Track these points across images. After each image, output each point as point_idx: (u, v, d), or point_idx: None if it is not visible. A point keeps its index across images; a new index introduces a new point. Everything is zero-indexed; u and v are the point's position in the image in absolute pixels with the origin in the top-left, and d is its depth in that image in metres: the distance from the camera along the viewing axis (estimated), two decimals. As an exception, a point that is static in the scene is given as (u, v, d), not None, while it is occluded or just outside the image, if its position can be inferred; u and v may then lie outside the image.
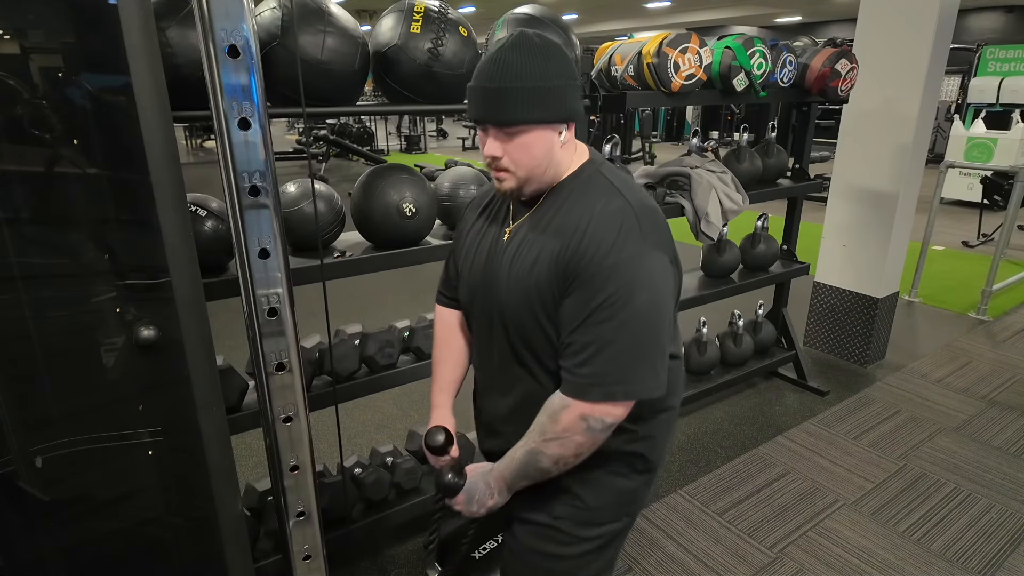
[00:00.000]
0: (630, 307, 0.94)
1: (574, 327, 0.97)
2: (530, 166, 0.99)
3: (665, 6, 14.18)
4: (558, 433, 0.99)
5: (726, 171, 2.64)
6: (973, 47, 9.48)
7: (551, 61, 0.96)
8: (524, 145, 0.97)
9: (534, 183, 1.02)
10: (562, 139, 1.00)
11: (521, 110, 0.94)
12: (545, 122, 0.96)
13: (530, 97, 0.94)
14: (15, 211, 0.98)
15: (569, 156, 1.04)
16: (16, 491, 1.07)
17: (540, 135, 0.97)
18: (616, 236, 0.95)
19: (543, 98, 0.95)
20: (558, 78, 0.96)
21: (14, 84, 0.93)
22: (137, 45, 0.89)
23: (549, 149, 0.99)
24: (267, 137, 1.04)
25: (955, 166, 4.71)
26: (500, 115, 0.95)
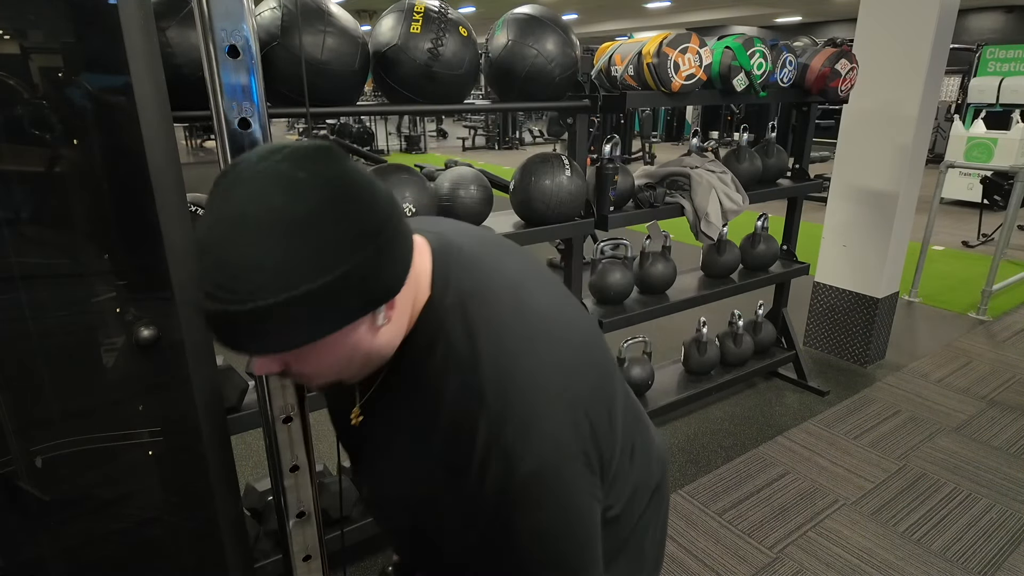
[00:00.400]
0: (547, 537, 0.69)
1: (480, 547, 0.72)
2: (329, 375, 0.68)
3: (665, 6, 14.19)
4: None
5: (726, 171, 2.64)
6: (973, 47, 9.49)
7: (311, 237, 0.55)
8: (310, 361, 0.64)
9: (350, 379, 0.72)
10: (379, 322, 0.65)
11: (278, 337, 0.58)
12: (329, 333, 0.60)
13: (286, 315, 0.55)
14: (15, 211, 0.98)
15: (402, 321, 0.70)
16: (16, 491, 1.07)
17: (332, 343, 0.62)
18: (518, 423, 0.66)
19: (314, 308, 0.57)
20: (332, 263, 0.56)
21: (14, 84, 0.93)
22: (137, 45, 0.89)
23: (353, 349, 0.65)
24: (267, 137, 1.04)
25: (955, 166, 4.71)
26: (244, 346, 0.59)
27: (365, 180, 0.60)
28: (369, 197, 0.59)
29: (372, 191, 0.60)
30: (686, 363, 2.97)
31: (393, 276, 0.63)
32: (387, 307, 0.65)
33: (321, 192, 0.56)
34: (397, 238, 0.62)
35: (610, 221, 2.26)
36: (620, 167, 2.30)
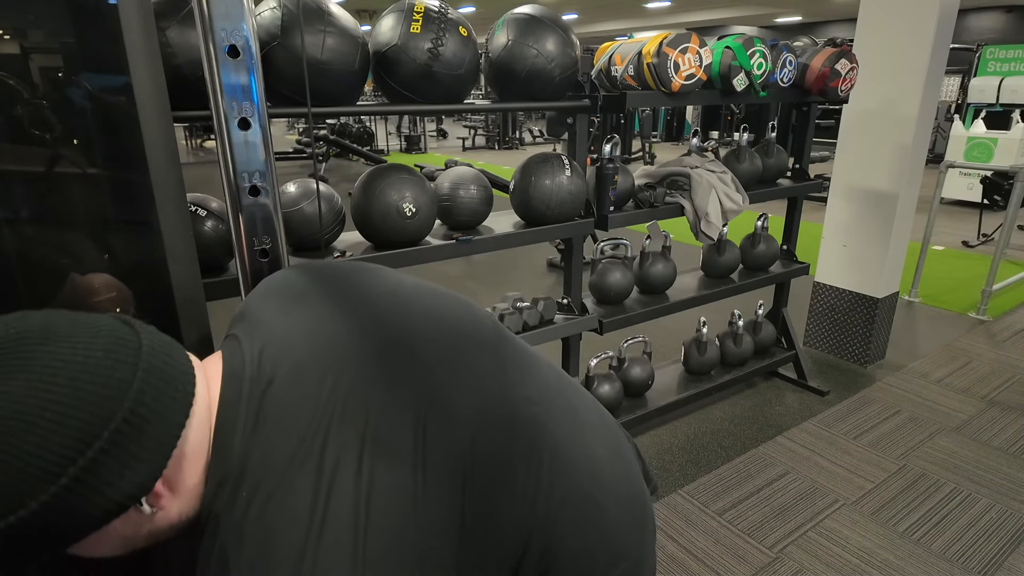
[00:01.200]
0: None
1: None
2: (120, 551, 0.60)
3: (665, 6, 14.19)
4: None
5: (726, 171, 2.64)
6: (973, 47, 9.48)
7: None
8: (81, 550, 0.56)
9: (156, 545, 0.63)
10: (147, 511, 0.56)
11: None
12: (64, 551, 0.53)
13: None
14: (15, 211, 0.98)
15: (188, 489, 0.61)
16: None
17: (86, 546, 0.55)
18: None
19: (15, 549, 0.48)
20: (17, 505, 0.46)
21: (14, 84, 0.93)
22: (137, 45, 0.89)
23: (130, 537, 0.59)
24: (267, 137, 1.04)
25: (955, 166, 4.71)
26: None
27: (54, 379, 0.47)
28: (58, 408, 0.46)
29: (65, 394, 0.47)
30: (686, 363, 2.97)
31: (138, 477, 0.52)
32: (151, 498, 0.56)
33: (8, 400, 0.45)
34: (129, 435, 0.50)
35: (610, 221, 2.26)
36: (620, 167, 2.30)
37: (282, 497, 0.56)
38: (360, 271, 0.86)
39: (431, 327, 0.74)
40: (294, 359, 0.65)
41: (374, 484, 0.59)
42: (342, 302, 0.74)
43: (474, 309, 0.82)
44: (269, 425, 0.60)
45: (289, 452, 0.59)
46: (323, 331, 0.69)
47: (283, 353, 0.65)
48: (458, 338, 0.75)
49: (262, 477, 0.57)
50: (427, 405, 0.65)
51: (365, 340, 0.69)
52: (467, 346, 0.75)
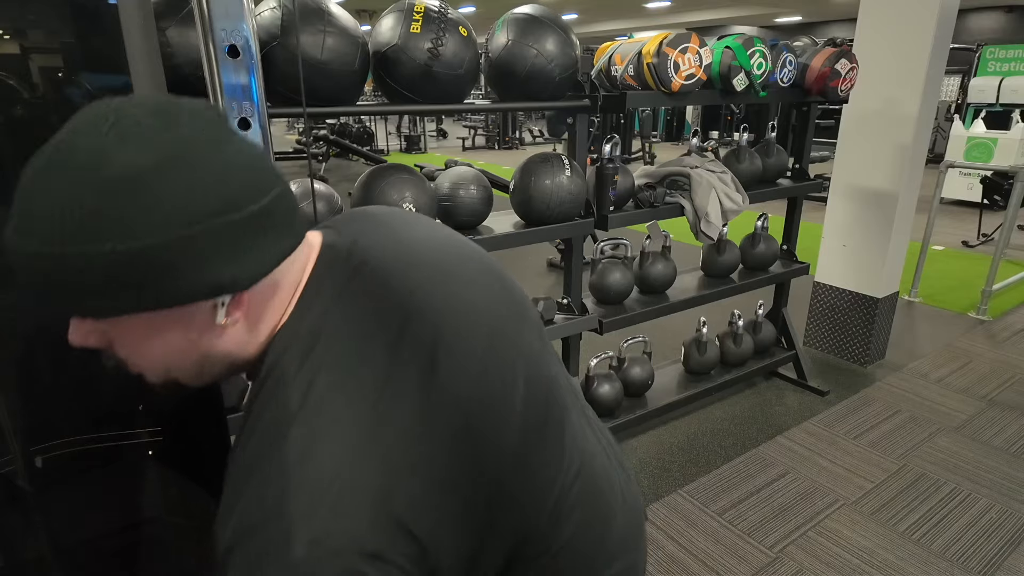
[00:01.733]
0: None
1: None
2: (160, 368, 0.59)
3: (665, 6, 14.19)
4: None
5: (726, 171, 2.64)
6: (973, 47, 9.49)
7: (133, 191, 0.48)
8: (132, 342, 0.56)
9: (193, 381, 0.62)
10: (219, 320, 0.56)
11: (66, 296, 0.50)
12: (141, 310, 0.52)
13: (91, 274, 0.48)
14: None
15: (256, 332, 0.60)
16: (16, 491, 1.07)
17: (158, 327, 0.55)
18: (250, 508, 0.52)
19: (125, 273, 0.49)
20: (146, 232, 0.48)
21: (14, 84, 0.93)
22: (137, 45, 0.89)
23: (186, 342, 0.57)
24: (267, 137, 1.04)
25: (955, 166, 4.72)
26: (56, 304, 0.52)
27: (231, 151, 0.53)
28: (221, 170, 0.51)
29: (233, 165, 0.53)
30: (686, 363, 2.97)
31: (237, 270, 0.53)
32: (232, 306, 0.56)
33: (163, 149, 0.49)
34: (253, 229, 0.53)
35: (610, 221, 2.26)
36: (620, 167, 2.30)
37: (345, 383, 0.56)
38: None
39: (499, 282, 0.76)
40: (382, 255, 0.66)
41: (439, 393, 0.59)
42: (420, 225, 0.76)
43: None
44: (350, 304, 0.60)
45: (363, 333, 0.59)
46: (406, 239, 0.70)
47: (373, 248, 0.66)
48: (520, 296, 0.77)
49: (329, 356, 0.57)
50: (495, 334, 0.67)
51: (445, 256, 0.71)
52: (524, 307, 0.76)
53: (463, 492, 0.58)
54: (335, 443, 0.53)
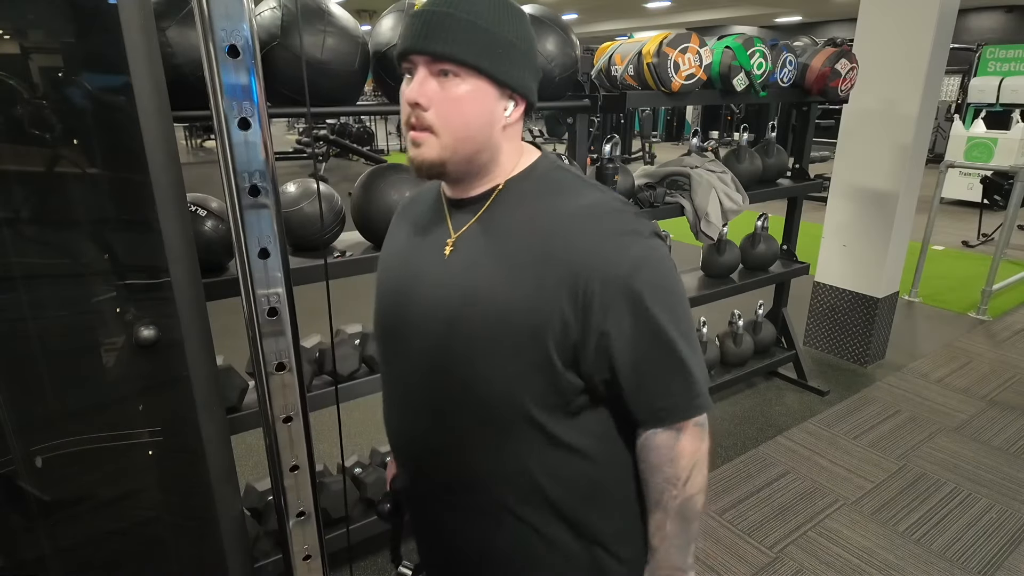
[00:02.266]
0: (676, 301, 0.79)
1: (627, 357, 0.76)
2: (459, 130, 0.76)
3: (665, 6, 14.18)
4: (691, 464, 0.81)
5: (726, 171, 2.64)
6: (973, 47, 9.49)
7: (513, 13, 0.77)
8: (457, 99, 0.75)
9: (460, 162, 0.78)
10: (507, 115, 0.79)
11: (466, 46, 0.73)
12: (490, 76, 0.75)
13: (479, 36, 0.73)
14: (15, 211, 0.98)
15: (514, 150, 0.83)
16: (16, 491, 1.07)
17: (479, 93, 0.76)
18: (623, 227, 0.76)
19: (495, 46, 0.74)
20: (519, 38, 0.77)
21: (14, 84, 0.93)
22: (137, 45, 0.89)
23: (488, 119, 0.77)
24: (267, 137, 1.04)
25: (955, 166, 4.72)
26: (439, 44, 0.72)
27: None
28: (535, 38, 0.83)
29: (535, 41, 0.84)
30: (686, 363, 2.96)
31: (532, 87, 0.81)
32: (516, 106, 0.80)
33: (520, 11, 0.79)
34: (537, 74, 0.83)
35: (610, 221, 2.25)
36: (620, 167, 2.30)
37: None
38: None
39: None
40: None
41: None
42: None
43: None
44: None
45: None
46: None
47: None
48: None
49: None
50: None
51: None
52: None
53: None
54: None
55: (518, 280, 0.76)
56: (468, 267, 0.80)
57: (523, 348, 0.76)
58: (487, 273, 0.78)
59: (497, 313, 0.76)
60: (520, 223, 0.79)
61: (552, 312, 0.74)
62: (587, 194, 0.80)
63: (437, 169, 0.78)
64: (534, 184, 0.82)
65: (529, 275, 0.75)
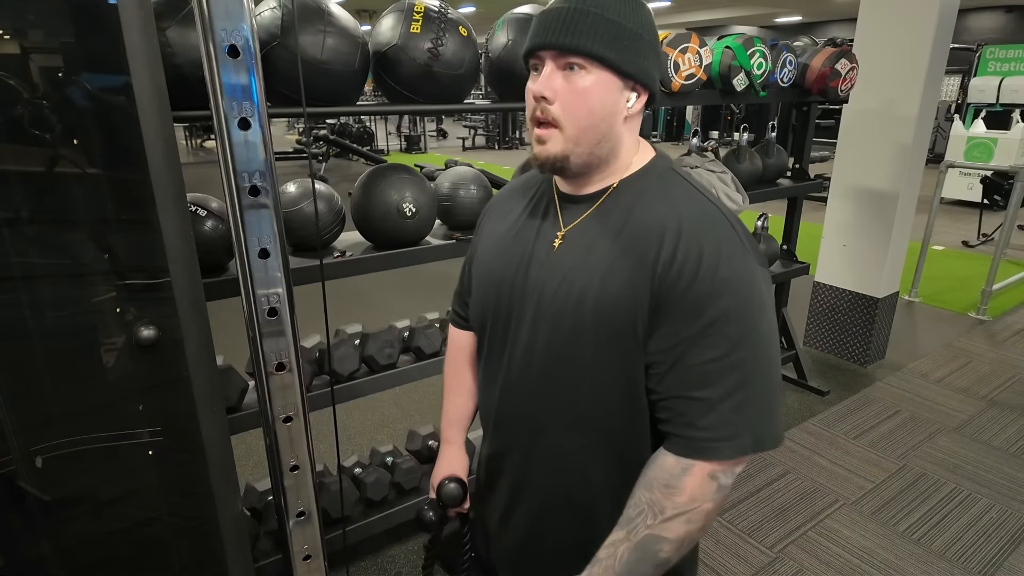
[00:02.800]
0: (755, 333, 0.75)
1: (680, 365, 0.76)
2: (583, 121, 0.78)
3: (665, 6, 14.18)
4: (682, 507, 0.76)
5: (726, 171, 2.64)
6: (973, 47, 9.49)
7: (641, 9, 0.80)
8: (583, 90, 0.77)
9: (583, 153, 0.81)
10: (629, 105, 0.80)
11: (592, 39, 0.75)
12: (615, 69, 0.77)
13: (608, 29, 0.76)
14: (15, 211, 0.98)
15: (633, 143, 0.85)
16: (16, 491, 1.07)
17: (605, 84, 0.77)
18: (721, 246, 0.76)
19: (622, 38, 0.76)
20: (644, 29, 0.79)
21: (14, 84, 0.93)
22: (137, 45, 0.89)
23: (611, 110, 0.79)
24: (267, 137, 1.04)
25: (955, 166, 4.71)
26: (566, 38, 0.75)
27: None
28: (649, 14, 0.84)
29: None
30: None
31: (654, 76, 0.82)
32: (639, 97, 0.82)
33: (646, 8, 0.82)
34: (658, 64, 0.84)
35: (610, 221, 2.25)
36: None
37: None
38: None
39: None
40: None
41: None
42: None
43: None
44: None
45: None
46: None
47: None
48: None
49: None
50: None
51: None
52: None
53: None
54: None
55: (616, 278, 0.79)
56: (574, 262, 0.83)
57: (608, 339, 0.79)
58: (589, 268, 0.81)
59: (595, 307, 0.79)
60: (628, 222, 0.81)
61: (640, 310, 0.77)
62: (699, 204, 0.80)
63: (561, 163, 0.81)
64: (647, 185, 0.84)
65: (626, 275, 0.78)
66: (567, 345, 0.82)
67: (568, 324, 0.82)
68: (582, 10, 0.76)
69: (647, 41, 0.80)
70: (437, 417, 2.25)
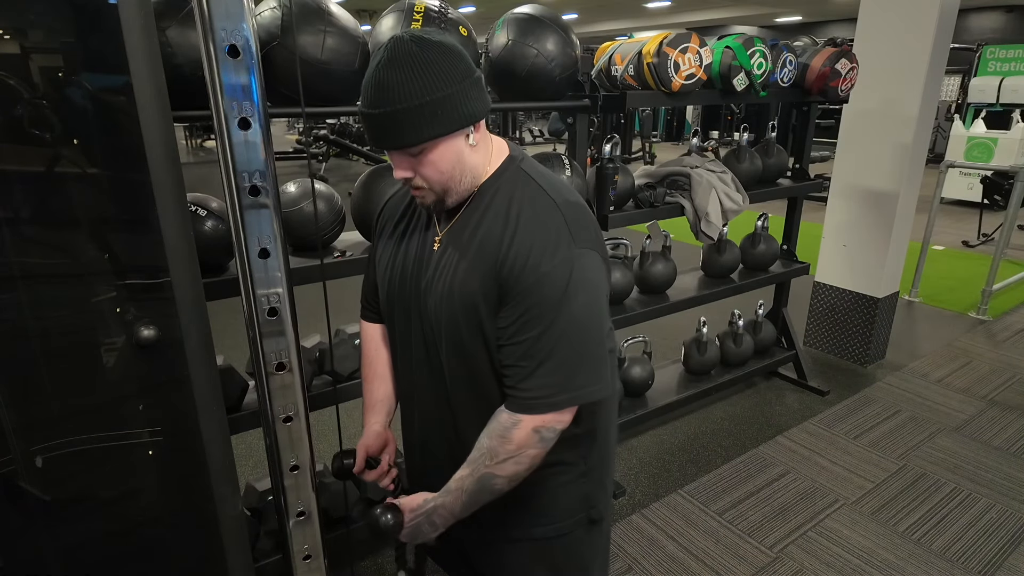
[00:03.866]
0: (566, 312, 0.93)
1: (511, 342, 0.94)
2: (442, 181, 0.95)
3: (665, 6, 14.18)
4: (511, 452, 0.96)
5: (726, 171, 2.64)
6: (973, 47, 9.48)
7: (432, 69, 0.88)
8: (431, 162, 0.93)
9: (453, 194, 0.98)
10: (471, 142, 0.96)
11: (412, 132, 0.90)
12: (443, 135, 0.91)
13: (418, 116, 0.89)
14: (15, 211, 0.98)
15: (485, 156, 1.00)
16: (16, 491, 1.07)
17: (445, 147, 0.93)
18: (546, 241, 0.93)
19: (434, 112, 0.89)
20: (445, 86, 0.89)
21: (14, 84, 0.93)
22: (137, 45, 0.89)
23: (458, 158, 0.95)
24: (267, 137, 1.04)
25: (955, 166, 4.72)
26: (394, 141, 0.91)
27: (459, 47, 0.92)
28: (461, 55, 0.92)
29: (463, 53, 0.93)
30: (686, 363, 2.97)
31: (478, 105, 0.94)
32: (475, 130, 0.96)
33: (436, 48, 0.89)
34: (479, 83, 0.94)
35: (610, 221, 2.26)
36: (620, 167, 2.30)
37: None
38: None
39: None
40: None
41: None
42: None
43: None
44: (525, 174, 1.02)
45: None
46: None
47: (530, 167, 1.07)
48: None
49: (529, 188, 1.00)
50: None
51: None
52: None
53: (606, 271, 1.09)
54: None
55: (471, 272, 0.96)
56: (445, 261, 1.01)
57: (462, 329, 0.98)
58: (450, 270, 0.99)
59: (460, 298, 0.97)
60: (480, 229, 0.98)
61: (488, 294, 0.95)
62: (538, 201, 0.97)
63: (440, 206, 1.00)
64: (497, 187, 1.00)
65: (479, 270, 0.95)
66: (449, 328, 1.00)
67: (445, 313, 0.99)
68: (389, 113, 0.89)
69: (457, 90, 0.90)
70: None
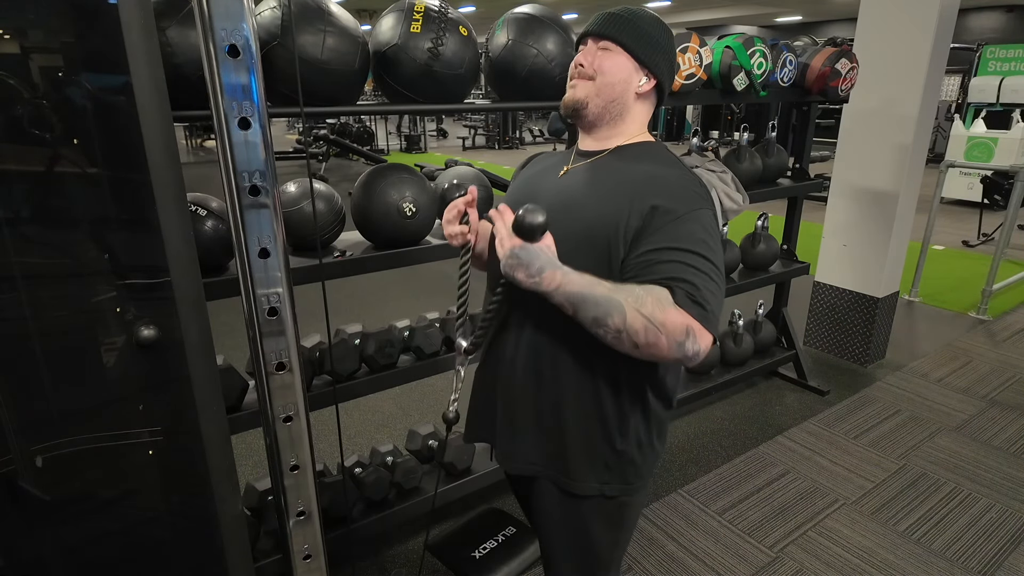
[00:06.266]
0: (717, 253, 1.01)
1: (675, 247, 0.99)
2: (606, 79, 1.10)
3: (665, 6, 14.18)
4: (656, 320, 0.93)
5: (726, 171, 2.62)
6: (973, 47, 9.48)
7: (663, 28, 1.13)
8: (611, 58, 1.10)
9: (599, 103, 1.11)
10: (640, 84, 1.11)
11: (619, 32, 1.09)
12: (631, 52, 1.09)
13: (632, 29, 1.10)
14: (15, 211, 0.98)
15: (639, 119, 1.16)
16: (16, 491, 1.07)
17: (626, 63, 1.10)
18: (694, 193, 1.05)
19: (640, 36, 1.10)
20: (662, 39, 1.12)
21: (14, 84, 0.93)
22: (137, 45, 0.89)
23: (627, 80, 1.11)
24: (267, 137, 1.04)
25: (955, 166, 4.72)
26: (602, 29, 1.10)
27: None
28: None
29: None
30: (686, 363, 2.96)
31: (665, 78, 1.15)
32: (648, 81, 1.13)
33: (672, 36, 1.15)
34: (672, 70, 1.16)
35: (610, 221, 2.25)
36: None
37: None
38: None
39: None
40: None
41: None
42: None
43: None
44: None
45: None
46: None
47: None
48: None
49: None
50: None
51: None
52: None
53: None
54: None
55: (600, 201, 1.06)
56: (569, 185, 1.13)
57: (594, 245, 1.04)
58: (581, 192, 1.10)
59: (583, 220, 1.06)
60: (615, 170, 1.10)
61: (619, 223, 1.02)
62: (680, 169, 1.11)
63: (579, 107, 1.12)
64: (642, 150, 1.14)
65: (609, 199, 1.05)
66: (562, 242, 1.02)
67: (562, 229, 1.03)
68: (619, 15, 1.10)
69: (661, 46, 1.12)
70: (437, 417, 2.26)
